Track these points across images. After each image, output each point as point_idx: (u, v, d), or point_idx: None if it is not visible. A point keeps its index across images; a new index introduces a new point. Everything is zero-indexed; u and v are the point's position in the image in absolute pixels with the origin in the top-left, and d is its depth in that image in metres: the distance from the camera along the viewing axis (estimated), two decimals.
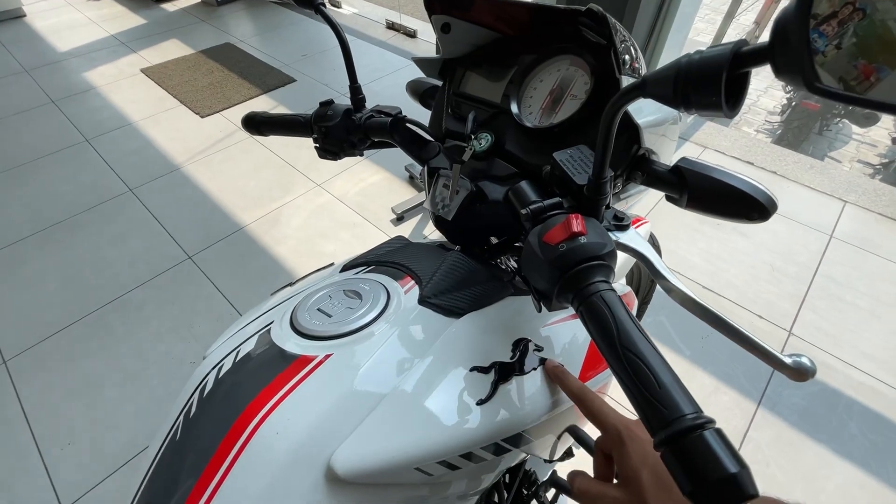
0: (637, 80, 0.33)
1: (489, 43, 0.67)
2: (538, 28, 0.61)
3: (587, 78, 0.56)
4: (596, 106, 0.54)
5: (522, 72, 0.61)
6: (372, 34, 3.69)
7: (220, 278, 1.84)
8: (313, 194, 2.23)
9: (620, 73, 0.49)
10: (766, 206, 0.47)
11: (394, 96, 2.92)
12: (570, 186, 0.45)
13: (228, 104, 2.86)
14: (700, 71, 0.29)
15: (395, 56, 3.39)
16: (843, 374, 1.55)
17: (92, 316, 1.71)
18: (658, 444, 0.30)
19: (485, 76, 0.66)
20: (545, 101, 0.59)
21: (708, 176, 0.50)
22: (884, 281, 1.86)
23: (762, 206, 0.47)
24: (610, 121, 0.37)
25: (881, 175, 2.98)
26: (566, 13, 0.53)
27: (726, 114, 0.30)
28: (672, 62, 0.31)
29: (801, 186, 2.31)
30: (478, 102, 0.66)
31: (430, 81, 0.79)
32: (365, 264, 0.59)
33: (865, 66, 0.23)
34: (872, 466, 1.34)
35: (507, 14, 0.61)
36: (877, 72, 0.23)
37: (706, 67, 0.29)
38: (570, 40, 0.58)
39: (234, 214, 2.12)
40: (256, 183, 2.30)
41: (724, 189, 0.49)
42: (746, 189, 0.48)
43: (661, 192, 0.54)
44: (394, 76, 3.15)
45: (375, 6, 4.21)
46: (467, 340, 0.49)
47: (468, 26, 0.66)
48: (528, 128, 0.58)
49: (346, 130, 0.69)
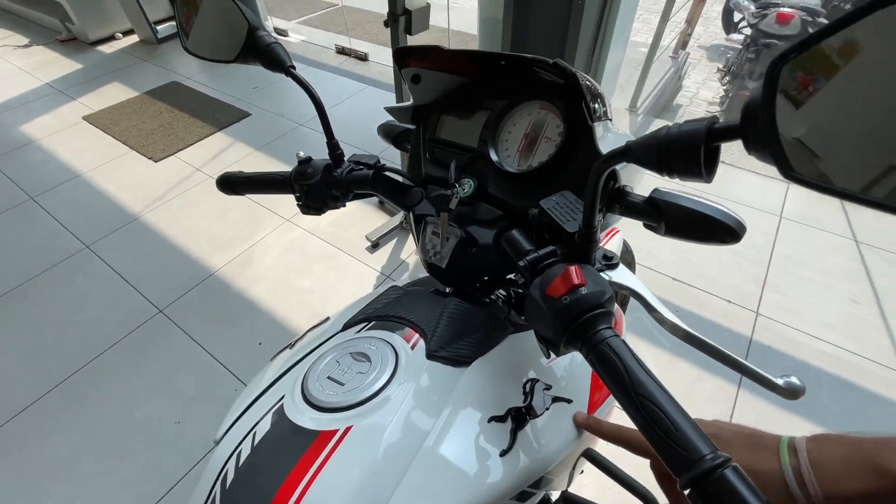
0: (621, 148, 0.36)
1: (457, 87, 0.69)
2: (504, 74, 0.64)
3: (558, 121, 0.59)
4: (570, 148, 0.57)
5: (496, 117, 0.63)
6: (323, 60, 3.68)
7: (196, 329, 1.78)
8: (284, 230, 2.20)
9: (592, 122, 0.52)
10: (737, 229, 0.51)
11: (351, 121, 2.93)
12: (561, 234, 0.48)
13: (182, 145, 2.78)
14: (679, 144, 0.32)
15: (349, 81, 3.40)
16: (809, 346, 1.66)
17: (61, 387, 1.61)
18: (683, 486, 0.32)
19: (458, 121, 0.69)
20: (521, 143, 0.62)
21: (682, 205, 0.53)
22: (832, 253, 2.01)
23: (733, 230, 0.51)
24: (596, 180, 0.40)
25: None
26: (534, 62, 0.56)
27: (705, 180, 0.33)
28: (652, 133, 0.34)
29: (748, 173, 2.46)
30: (455, 148, 0.68)
31: (402, 125, 0.81)
32: (365, 320, 0.60)
33: None
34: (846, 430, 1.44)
35: (474, 62, 0.64)
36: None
37: (685, 142, 0.32)
38: (536, 84, 0.61)
39: (203, 260, 2.06)
40: (223, 224, 2.24)
41: (697, 217, 0.53)
42: (718, 216, 0.52)
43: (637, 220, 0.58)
44: (350, 102, 3.16)
45: (324, 32, 4.21)
46: (480, 390, 0.50)
47: (437, 75, 0.68)
48: (508, 172, 0.60)
49: (327, 186, 0.70)
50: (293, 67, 0.66)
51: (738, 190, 2.36)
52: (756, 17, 2.85)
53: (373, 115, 3.03)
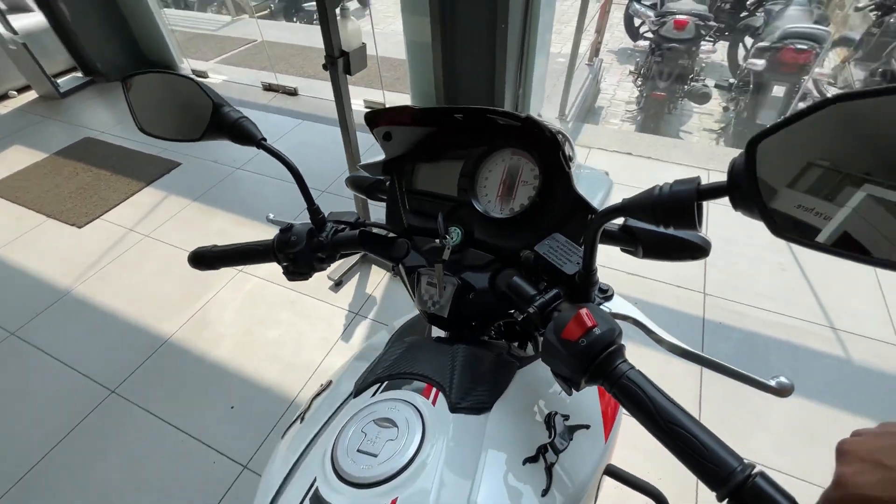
0: (618, 205, 0.40)
1: (426, 136, 0.72)
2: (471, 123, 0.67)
3: (532, 165, 0.63)
4: (548, 190, 0.61)
5: (472, 165, 0.66)
6: (251, 99, 3.58)
7: (157, 404, 1.65)
8: (238, 282, 2.10)
9: (569, 169, 0.57)
10: (704, 247, 0.57)
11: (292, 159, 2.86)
12: (561, 276, 0.51)
13: (107, 206, 2.58)
14: (673, 203, 0.36)
15: (282, 117, 3.33)
16: (753, 316, 1.84)
17: (18, 486, 1.43)
18: (721, 498, 0.36)
19: (433, 171, 0.71)
20: (499, 189, 0.65)
21: (655, 231, 0.59)
22: (757, 228, 2.23)
23: (701, 248, 0.57)
24: (594, 234, 0.44)
25: (723, 138, 3.59)
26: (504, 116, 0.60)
27: (698, 230, 0.37)
28: (646, 193, 0.38)
29: (672, 164, 2.69)
30: (434, 197, 0.70)
31: (371, 176, 0.82)
32: (378, 381, 0.60)
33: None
34: (798, 389, 1.60)
35: (444, 116, 0.66)
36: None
37: (678, 201, 0.36)
38: (503, 130, 0.65)
39: (153, 328, 1.92)
40: (169, 286, 2.10)
41: (670, 239, 0.58)
42: (687, 237, 0.58)
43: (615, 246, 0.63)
44: (287, 138, 3.09)
45: (247, 70, 4.10)
46: (507, 433, 0.52)
47: (407, 129, 0.70)
48: (494, 218, 0.64)
49: (312, 250, 0.69)
50: (264, 140, 0.65)
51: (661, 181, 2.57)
52: (657, 24, 3.16)
53: (312, 149, 2.99)
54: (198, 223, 2.44)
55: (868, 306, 1.87)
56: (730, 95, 3.52)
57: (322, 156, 2.91)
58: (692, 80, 3.25)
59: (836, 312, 1.84)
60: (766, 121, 2.87)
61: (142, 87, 0.65)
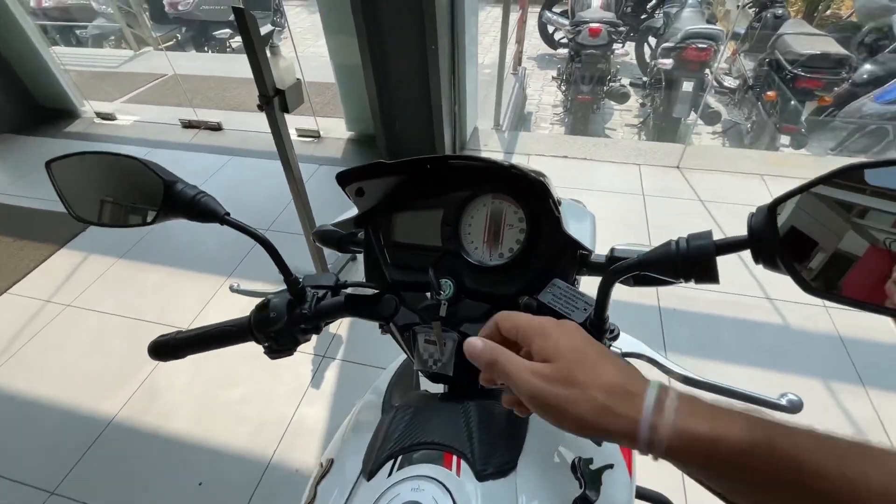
0: (633, 260, 0.40)
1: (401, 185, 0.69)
2: (445, 169, 0.66)
3: (514, 207, 0.63)
4: (536, 232, 0.61)
5: (454, 213, 0.65)
6: (171, 139, 3.33)
7: (110, 497, 1.46)
8: None
9: (559, 213, 0.56)
10: None
11: (225, 200, 2.68)
12: None
13: (14, 277, 2.28)
14: (694, 259, 0.37)
15: (209, 156, 3.13)
16: (702, 298, 1.97)
17: None
18: None
19: (411, 221, 0.69)
20: (485, 235, 0.64)
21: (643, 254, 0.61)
22: (690, 215, 2.42)
23: None
24: (607, 288, 0.43)
25: (644, 131, 3.86)
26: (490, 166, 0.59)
27: (717, 283, 0.38)
28: (661, 249, 0.39)
29: (606, 163, 2.85)
30: (417, 249, 0.67)
31: (338, 229, 0.77)
32: (390, 457, 0.56)
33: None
34: (752, 357, 1.74)
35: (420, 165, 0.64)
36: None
37: (697, 256, 0.37)
38: (479, 175, 0.64)
39: (93, 410, 1.70)
40: (105, 357, 1.88)
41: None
42: None
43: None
44: (217, 178, 2.91)
45: (161, 107, 3.81)
46: (538, 492, 0.50)
47: (379, 181, 0.67)
48: (485, 266, 0.62)
49: (294, 324, 0.64)
50: (228, 214, 0.59)
51: (601, 180, 2.71)
52: (573, 33, 3.35)
53: (248, 186, 2.84)
54: (129, 282, 2.22)
55: None
56: (645, 92, 3.81)
57: (259, 192, 2.77)
58: (610, 81, 3.48)
59: (771, 284, 2.03)
60: (681, 114, 3.14)
61: (69, 172, 0.57)
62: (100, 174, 0.57)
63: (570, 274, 0.60)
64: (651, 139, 3.69)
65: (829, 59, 2.86)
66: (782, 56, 3.09)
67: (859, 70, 3.14)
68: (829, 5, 4.48)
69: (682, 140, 3.18)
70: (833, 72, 2.89)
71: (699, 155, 2.85)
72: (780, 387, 1.63)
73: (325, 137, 3.24)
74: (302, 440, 1.58)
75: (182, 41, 5.89)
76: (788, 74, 2.99)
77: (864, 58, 3.34)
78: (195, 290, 2.14)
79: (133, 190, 0.56)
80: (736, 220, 2.35)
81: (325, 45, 2.85)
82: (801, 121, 3.09)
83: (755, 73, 3.49)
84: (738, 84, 3.64)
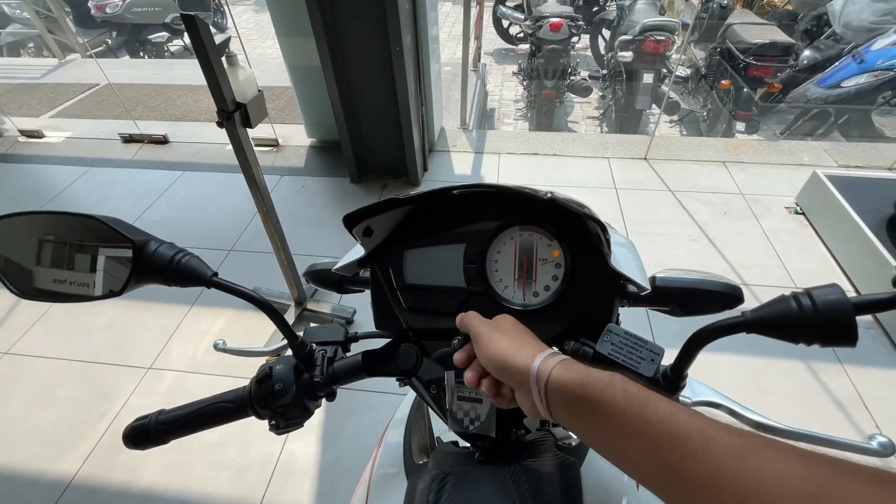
0: (738, 319, 0.35)
1: (410, 217, 0.61)
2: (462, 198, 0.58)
3: (548, 239, 0.56)
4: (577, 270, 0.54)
5: (479, 250, 0.57)
6: (109, 155, 3.04)
7: None
8: (150, 382, 1.75)
9: (609, 249, 0.50)
10: (738, 295, 0.56)
11: (177, 220, 2.49)
12: (641, 378, 0.45)
13: None
14: (828, 321, 0.31)
15: (156, 172, 2.88)
16: None
17: None
18: None
19: (427, 260, 0.60)
20: (514, 272, 0.57)
21: (685, 287, 0.56)
22: (660, 206, 2.46)
23: (735, 297, 0.55)
24: (700, 345, 0.38)
25: (605, 123, 3.92)
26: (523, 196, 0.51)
27: (853, 346, 0.33)
28: (774, 306, 0.33)
29: (577, 158, 2.85)
30: (436, 291, 0.59)
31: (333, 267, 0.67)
32: None
33: None
34: (733, 347, 1.77)
35: (440, 197, 0.56)
36: None
37: (830, 315, 0.31)
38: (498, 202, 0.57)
39: (46, 471, 1.51)
40: (56, 409, 1.68)
41: (702, 294, 0.56)
42: (718, 288, 0.56)
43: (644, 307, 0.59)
44: (168, 196, 2.68)
45: (95, 121, 3.48)
46: None
47: (389, 215, 0.59)
48: (517, 307, 0.55)
49: (304, 392, 0.55)
50: (216, 275, 0.49)
51: (574, 177, 2.71)
52: (533, 28, 3.33)
53: (205, 203, 2.63)
54: (75, 321, 1.99)
55: (766, 258, 2.14)
56: (604, 85, 3.85)
57: (218, 209, 2.57)
58: (571, 75, 3.50)
59: (744, 269, 2.08)
60: (643, 105, 3.20)
61: (8, 238, 0.45)
62: (48, 236, 0.46)
63: (613, 310, 0.55)
64: (613, 131, 3.75)
65: (777, 47, 2.98)
66: (734, 45, 3.20)
67: (800, 56, 3.31)
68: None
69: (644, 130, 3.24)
70: (781, 59, 3.02)
71: (664, 145, 2.90)
72: (770, 370, 1.65)
73: (284, 146, 3.06)
74: (293, 480, 1.46)
75: (114, 46, 5.43)
76: (741, 63, 3.10)
77: (806, 44, 3.52)
78: (155, 324, 1.95)
79: (93, 255, 0.45)
80: (707, 208, 2.41)
81: (277, 46, 2.68)
82: (753, 107, 3.22)
83: (707, 62, 3.61)
84: (690, 73, 3.75)
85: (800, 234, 2.28)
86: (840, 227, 2.09)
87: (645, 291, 0.52)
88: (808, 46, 3.40)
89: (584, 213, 0.47)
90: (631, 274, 0.51)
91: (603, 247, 0.49)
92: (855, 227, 1.99)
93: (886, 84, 2.87)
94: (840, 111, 3.13)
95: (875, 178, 2.30)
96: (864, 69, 2.90)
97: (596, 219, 0.46)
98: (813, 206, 2.32)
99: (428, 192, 0.54)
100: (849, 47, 3.31)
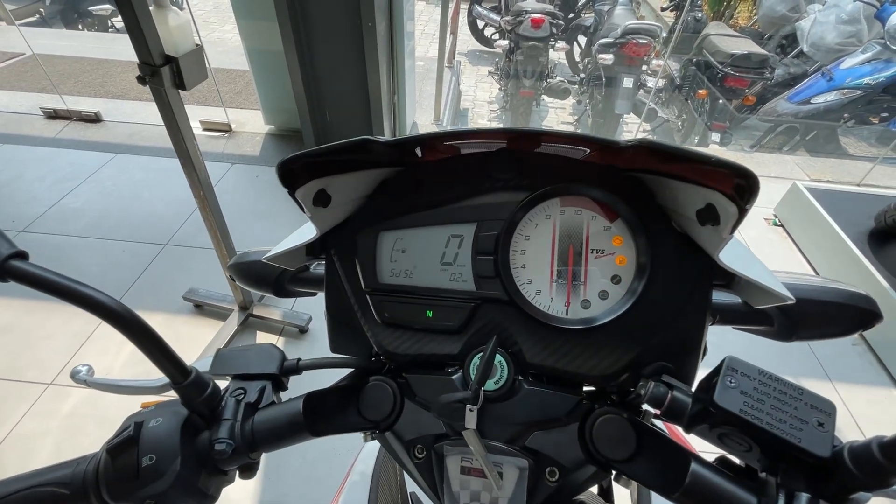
0: None
1: (388, 184, 0.40)
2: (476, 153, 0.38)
3: (602, 219, 0.36)
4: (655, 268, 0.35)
5: (502, 235, 0.37)
6: (29, 132, 2.63)
7: None
8: (49, 401, 1.42)
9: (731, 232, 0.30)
10: (874, 311, 0.38)
11: (107, 209, 2.14)
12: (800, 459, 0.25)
13: None
14: None
15: (83, 153, 2.50)
16: None
17: None
18: None
19: (415, 247, 0.39)
20: (552, 269, 0.37)
21: (808, 299, 0.38)
22: None
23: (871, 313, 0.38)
24: None
25: (580, 128, 3.84)
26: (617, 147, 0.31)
27: None
28: None
29: None
30: (428, 296, 0.38)
31: (271, 264, 0.44)
32: None
33: None
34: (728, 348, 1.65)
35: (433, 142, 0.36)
36: None
37: None
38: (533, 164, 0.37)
39: None
40: None
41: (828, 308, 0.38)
42: (850, 300, 0.38)
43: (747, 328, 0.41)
44: (95, 182, 2.31)
45: (14, 93, 3.03)
46: None
47: (357, 178, 0.37)
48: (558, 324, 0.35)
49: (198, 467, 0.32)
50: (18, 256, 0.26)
51: None
52: (513, 24, 3.19)
53: (136, 191, 2.29)
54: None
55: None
56: (581, 89, 3.78)
57: (154, 197, 2.24)
58: (548, 77, 3.39)
59: None
60: (622, 110, 3.11)
61: None
62: None
63: (703, 332, 0.36)
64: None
65: (753, 59, 2.98)
66: (711, 55, 3.18)
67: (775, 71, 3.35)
68: (731, 14, 4.83)
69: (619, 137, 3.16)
70: (757, 71, 3.02)
71: None
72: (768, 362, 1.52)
73: (238, 132, 2.76)
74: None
75: (48, 16, 4.88)
76: (718, 73, 3.08)
77: (781, 59, 3.58)
78: (64, 330, 1.62)
79: None
80: None
81: (235, 29, 2.40)
82: (727, 119, 3.22)
83: (682, 72, 3.60)
84: (664, 84, 3.74)
85: (780, 245, 2.23)
86: (822, 240, 2.05)
87: (789, 301, 0.32)
88: (778, 63, 3.46)
89: (719, 162, 0.27)
90: (758, 277, 0.32)
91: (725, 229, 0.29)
92: (837, 239, 1.95)
93: (853, 102, 2.93)
94: (808, 127, 3.18)
95: (853, 191, 2.29)
96: (833, 87, 2.95)
97: (745, 171, 0.25)
98: (793, 217, 2.28)
99: (428, 134, 0.33)
100: (814, 66, 3.39)
